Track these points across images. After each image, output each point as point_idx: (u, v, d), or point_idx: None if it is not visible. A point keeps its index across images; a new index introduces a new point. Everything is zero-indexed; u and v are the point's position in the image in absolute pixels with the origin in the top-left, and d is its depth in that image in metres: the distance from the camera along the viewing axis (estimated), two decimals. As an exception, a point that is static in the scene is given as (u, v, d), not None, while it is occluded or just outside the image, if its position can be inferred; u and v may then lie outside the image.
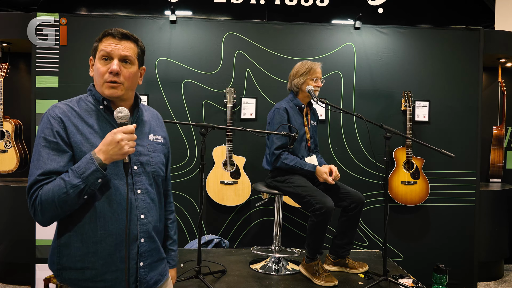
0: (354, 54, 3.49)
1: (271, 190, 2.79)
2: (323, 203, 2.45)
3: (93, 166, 1.22)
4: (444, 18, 3.98)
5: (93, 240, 1.30)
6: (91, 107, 1.37)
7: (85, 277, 1.31)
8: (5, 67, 3.55)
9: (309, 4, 3.79)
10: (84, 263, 1.30)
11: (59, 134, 1.28)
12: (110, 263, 1.31)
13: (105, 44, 1.34)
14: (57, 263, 1.34)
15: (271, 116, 2.78)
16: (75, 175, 1.22)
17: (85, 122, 1.33)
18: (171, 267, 1.60)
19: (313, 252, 2.60)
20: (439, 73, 3.53)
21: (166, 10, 3.72)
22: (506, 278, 3.91)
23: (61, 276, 1.34)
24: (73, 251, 1.31)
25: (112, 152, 1.22)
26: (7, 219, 3.42)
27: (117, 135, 1.22)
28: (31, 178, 1.25)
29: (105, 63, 1.34)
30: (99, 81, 1.36)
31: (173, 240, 1.60)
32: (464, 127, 3.53)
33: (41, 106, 3.30)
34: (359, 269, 2.79)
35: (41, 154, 1.27)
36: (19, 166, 3.57)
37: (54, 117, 1.30)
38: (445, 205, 3.54)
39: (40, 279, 3.32)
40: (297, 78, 2.75)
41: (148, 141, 1.43)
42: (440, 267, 3.02)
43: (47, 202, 1.22)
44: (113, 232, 1.30)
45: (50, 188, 1.22)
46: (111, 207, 1.30)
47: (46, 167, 1.25)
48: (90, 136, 1.31)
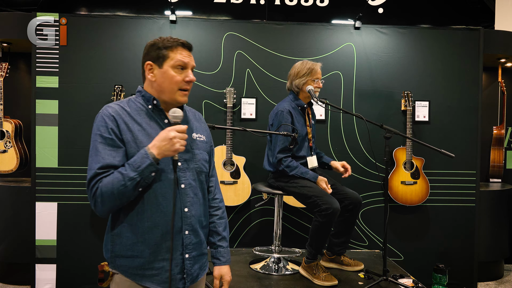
0: (354, 54, 3.49)
1: (272, 190, 2.79)
2: (330, 204, 2.46)
3: (147, 160, 1.33)
4: (444, 18, 3.98)
5: (141, 231, 1.40)
6: (140, 107, 1.47)
7: (135, 265, 1.41)
8: (5, 67, 3.55)
9: (309, 4, 3.79)
10: (134, 251, 1.41)
11: (113, 131, 1.39)
12: (157, 252, 1.41)
13: (180, 55, 1.46)
14: (111, 250, 1.44)
15: (273, 118, 2.75)
16: (132, 168, 1.33)
17: (135, 120, 1.43)
18: (222, 263, 1.64)
19: (314, 253, 2.60)
20: (439, 73, 3.53)
21: (166, 10, 3.72)
22: (506, 278, 3.91)
23: (114, 263, 1.45)
24: (124, 240, 1.42)
25: (165, 148, 1.33)
26: (7, 219, 3.42)
27: (171, 133, 1.33)
28: (91, 172, 1.36)
29: (181, 72, 1.45)
30: (172, 88, 1.45)
31: (222, 237, 1.64)
32: (464, 127, 3.53)
33: (41, 106, 3.30)
34: (354, 267, 2.82)
35: (98, 150, 1.37)
36: (19, 166, 3.58)
37: (108, 116, 1.40)
38: (445, 205, 3.54)
39: (40, 279, 3.32)
40: (298, 79, 2.73)
41: (191, 139, 1.52)
42: (440, 267, 3.02)
43: (107, 194, 1.33)
44: (159, 224, 1.40)
45: (110, 181, 1.33)
46: (157, 200, 1.40)
47: (104, 161, 1.36)
48: (138, 133, 1.41)
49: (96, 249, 3.36)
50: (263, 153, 3.40)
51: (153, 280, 1.42)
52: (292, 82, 2.78)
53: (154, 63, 1.46)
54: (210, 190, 1.64)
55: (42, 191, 3.31)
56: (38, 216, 3.30)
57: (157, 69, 1.46)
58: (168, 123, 1.45)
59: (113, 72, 3.33)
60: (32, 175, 3.30)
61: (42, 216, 3.30)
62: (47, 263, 3.32)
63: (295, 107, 2.75)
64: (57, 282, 3.34)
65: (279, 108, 2.73)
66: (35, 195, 3.30)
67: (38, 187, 3.30)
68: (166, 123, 1.45)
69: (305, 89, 2.71)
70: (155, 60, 1.46)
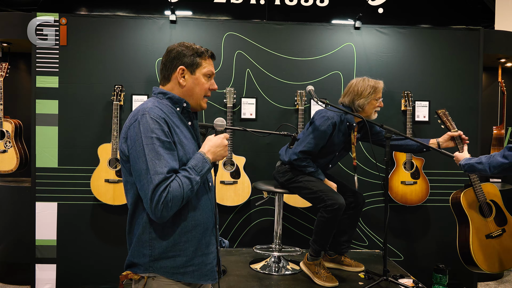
0: (354, 54, 3.49)
1: (272, 189, 2.78)
2: (336, 199, 2.46)
3: (207, 165, 1.43)
4: (444, 18, 3.98)
5: (185, 230, 1.45)
6: (171, 109, 1.50)
7: (176, 264, 1.44)
8: (5, 67, 3.55)
9: (309, 4, 3.79)
10: (176, 251, 1.44)
11: (169, 133, 1.40)
12: (198, 249, 1.47)
13: (210, 65, 1.55)
14: (149, 255, 1.43)
15: (316, 119, 2.59)
16: (195, 172, 1.39)
17: (175, 124, 1.47)
18: None
19: (318, 250, 2.59)
20: (439, 73, 3.53)
21: (166, 10, 3.71)
22: (506, 278, 3.91)
23: (152, 267, 1.44)
24: (164, 243, 1.43)
25: (219, 154, 1.47)
26: (7, 219, 3.42)
27: (225, 141, 1.49)
28: (160, 177, 1.32)
29: (208, 80, 1.56)
30: (200, 94, 1.55)
31: None
32: (464, 127, 3.51)
33: (41, 106, 3.30)
34: (354, 268, 2.82)
35: (160, 153, 1.35)
36: (19, 166, 3.57)
37: (160, 119, 1.39)
38: (445, 205, 3.53)
39: (40, 279, 3.32)
40: (363, 99, 2.57)
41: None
42: (440, 267, 3.02)
43: (177, 198, 1.34)
44: (200, 222, 1.47)
45: (179, 185, 1.34)
46: (198, 200, 1.47)
47: (169, 165, 1.35)
48: (180, 136, 1.46)
49: (96, 249, 3.36)
50: (263, 153, 3.40)
51: (193, 276, 1.47)
52: (354, 101, 2.59)
53: (187, 68, 1.52)
54: None
55: (42, 191, 3.31)
56: (38, 216, 3.30)
57: (189, 75, 1.52)
58: (192, 126, 1.54)
59: (113, 72, 3.33)
60: (32, 175, 3.30)
61: (42, 216, 3.30)
62: (47, 263, 3.32)
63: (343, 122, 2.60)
64: (57, 282, 3.34)
65: (329, 114, 2.55)
66: (35, 195, 3.30)
67: (38, 187, 3.30)
68: (190, 125, 1.53)
69: (367, 110, 2.60)
70: (189, 66, 1.52)
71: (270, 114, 3.45)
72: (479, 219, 2.74)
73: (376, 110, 2.63)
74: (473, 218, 2.73)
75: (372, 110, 2.62)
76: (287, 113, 3.46)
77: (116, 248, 3.36)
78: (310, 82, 3.41)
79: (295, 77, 3.46)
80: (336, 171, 2.87)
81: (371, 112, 2.63)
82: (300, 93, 3.36)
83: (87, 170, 3.28)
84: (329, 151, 2.65)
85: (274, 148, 3.37)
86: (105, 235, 3.37)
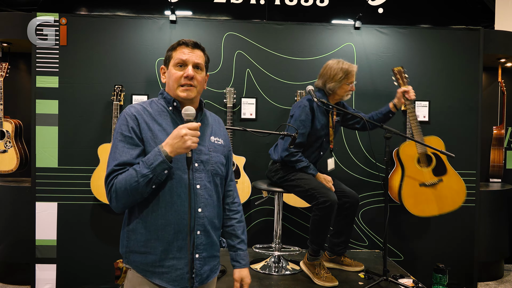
0: (354, 54, 3.49)
1: (272, 188, 2.78)
2: (327, 196, 2.45)
3: (160, 158, 1.36)
4: (444, 18, 3.98)
5: (155, 228, 1.44)
6: (161, 108, 1.53)
7: (147, 261, 1.45)
8: (5, 67, 3.55)
9: (309, 4, 3.79)
10: (147, 248, 1.45)
11: (133, 129, 1.44)
12: (169, 250, 1.44)
13: (180, 53, 1.51)
14: (126, 246, 1.49)
15: (295, 110, 2.64)
16: (145, 165, 1.36)
17: (155, 120, 1.48)
18: (242, 266, 1.67)
19: (316, 249, 2.59)
20: (439, 73, 3.53)
21: (166, 10, 3.71)
22: (506, 278, 3.91)
23: (128, 259, 1.49)
24: (138, 236, 1.45)
25: (177, 146, 1.36)
26: (7, 219, 3.42)
27: (182, 130, 1.36)
28: (108, 168, 1.41)
29: (181, 69, 1.51)
30: (173, 85, 1.51)
31: (241, 239, 1.68)
32: (464, 127, 3.53)
33: (41, 106, 3.30)
34: (354, 267, 2.82)
35: (117, 147, 1.43)
36: (19, 166, 3.58)
37: (130, 115, 1.46)
38: (445, 205, 3.53)
39: (40, 279, 3.32)
40: (334, 83, 2.62)
41: (209, 142, 1.57)
42: (440, 267, 3.02)
43: (121, 190, 1.37)
44: (172, 222, 1.44)
45: (124, 177, 1.37)
46: (172, 199, 1.44)
47: (121, 158, 1.41)
48: (158, 133, 1.46)
49: (96, 249, 3.36)
50: (263, 153, 3.40)
51: (162, 278, 1.44)
52: (326, 84, 2.65)
53: (165, 66, 1.57)
54: (229, 194, 1.69)
55: (42, 191, 3.31)
56: (38, 216, 3.30)
57: (166, 71, 1.56)
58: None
59: (113, 72, 3.33)
60: (32, 175, 3.30)
61: (42, 216, 3.31)
62: (47, 263, 3.32)
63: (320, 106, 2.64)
64: (57, 282, 3.34)
65: (304, 102, 2.61)
66: (35, 195, 3.30)
67: (38, 187, 3.30)
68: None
69: (339, 93, 2.65)
70: (165, 63, 1.57)
71: (270, 114, 3.45)
72: (415, 169, 2.99)
73: (348, 93, 2.67)
74: (409, 167, 2.99)
75: (343, 93, 2.67)
76: (287, 113, 3.45)
77: (116, 248, 3.34)
78: (310, 82, 3.40)
79: (295, 77, 3.46)
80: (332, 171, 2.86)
81: (342, 95, 2.68)
82: (300, 93, 3.36)
83: (87, 170, 3.29)
84: (316, 137, 2.67)
85: (274, 148, 3.37)
86: (105, 235, 3.37)
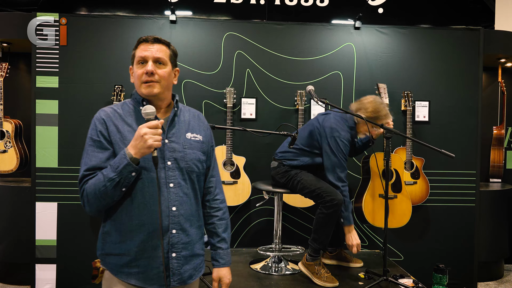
0: (354, 54, 3.49)
1: (271, 189, 2.78)
2: (334, 195, 2.49)
3: (125, 161, 1.34)
4: (444, 18, 3.98)
5: (129, 229, 1.43)
6: (132, 108, 1.51)
7: (122, 262, 1.44)
8: (5, 67, 3.55)
9: (309, 4, 3.79)
10: (121, 249, 1.44)
11: (101, 133, 1.43)
12: (143, 250, 1.43)
13: (140, 50, 1.49)
14: (101, 248, 1.49)
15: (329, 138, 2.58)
16: (111, 169, 1.35)
17: (125, 122, 1.47)
18: (220, 265, 1.64)
19: (318, 249, 2.59)
20: (439, 73, 3.53)
21: (166, 10, 3.72)
22: (506, 278, 3.91)
23: (104, 261, 1.50)
24: (113, 238, 1.45)
25: (140, 146, 1.34)
26: (7, 219, 3.42)
27: (142, 130, 1.33)
28: (80, 174, 1.42)
29: (142, 66, 1.47)
30: (137, 83, 1.49)
31: (221, 238, 1.64)
32: (464, 127, 3.53)
33: (41, 106, 3.30)
34: (354, 263, 2.86)
35: (87, 152, 1.44)
36: (19, 166, 3.58)
37: (98, 119, 1.46)
38: (445, 205, 3.54)
39: (40, 279, 3.32)
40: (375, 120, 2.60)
41: (185, 139, 1.52)
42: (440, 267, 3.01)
43: (91, 195, 1.37)
44: (146, 222, 1.42)
45: (93, 182, 1.38)
46: (144, 199, 1.42)
47: (90, 163, 1.41)
48: (127, 134, 1.44)
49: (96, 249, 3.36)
50: (263, 153, 3.40)
51: (138, 278, 1.43)
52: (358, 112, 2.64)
53: (131, 65, 1.54)
54: (209, 191, 1.63)
55: (42, 191, 3.31)
56: (38, 216, 3.30)
57: (132, 70, 1.53)
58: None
59: (113, 72, 3.33)
60: (32, 175, 3.30)
61: (42, 216, 3.30)
62: (47, 263, 3.32)
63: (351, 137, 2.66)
64: (57, 282, 3.34)
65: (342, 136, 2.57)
66: (35, 195, 3.30)
67: (38, 187, 3.30)
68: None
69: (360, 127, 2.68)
70: (131, 63, 1.54)
71: (270, 114, 3.45)
72: (378, 181, 3.07)
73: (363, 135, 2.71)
74: (374, 178, 3.07)
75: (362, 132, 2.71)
76: (287, 113, 3.46)
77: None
78: (310, 82, 3.41)
79: (295, 77, 3.46)
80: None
81: (359, 131, 2.72)
82: (300, 93, 3.36)
83: (87, 170, 3.28)
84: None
85: (274, 148, 3.35)
86: (105, 235, 3.37)
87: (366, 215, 3.02)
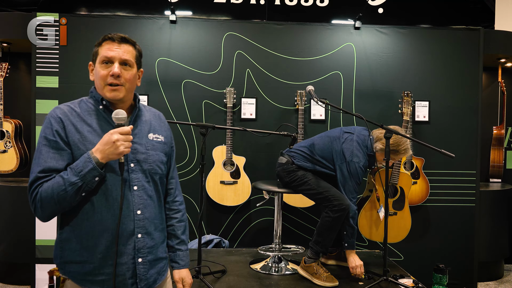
0: (354, 54, 3.49)
1: (271, 189, 2.78)
2: (342, 199, 2.50)
3: (90, 165, 1.27)
4: (444, 18, 3.98)
5: (92, 235, 1.35)
6: (91, 107, 1.42)
7: (85, 271, 1.36)
8: (5, 67, 3.55)
9: (309, 4, 3.79)
10: (83, 257, 1.35)
11: (58, 133, 1.34)
12: (108, 257, 1.36)
13: (105, 49, 1.39)
14: (60, 257, 1.39)
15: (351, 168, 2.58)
16: (73, 173, 1.27)
17: (84, 121, 1.38)
18: (181, 267, 1.61)
19: (318, 252, 2.59)
20: (439, 73, 3.53)
21: (166, 10, 3.72)
22: (506, 278, 3.91)
23: (63, 269, 1.39)
24: (73, 246, 1.36)
25: (108, 152, 1.28)
26: (7, 219, 3.42)
27: (114, 136, 1.28)
28: (32, 176, 1.31)
29: (106, 67, 1.39)
30: (100, 84, 1.40)
31: (180, 240, 1.61)
32: (464, 127, 3.53)
33: (41, 106, 3.30)
34: None
35: (41, 153, 1.33)
36: (19, 166, 3.57)
37: (54, 118, 1.36)
38: (445, 205, 3.54)
39: (40, 279, 3.32)
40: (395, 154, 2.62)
41: (147, 140, 1.47)
42: (440, 267, 3.02)
43: (47, 199, 1.28)
44: (109, 227, 1.35)
45: (50, 186, 1.28)
46: (108, 203, 1.35)
47: (46, 164, 1.31)
48: (88, 134, 1.36)
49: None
50: (263, 153, 3.40)
51: (103, 285, 1.36)
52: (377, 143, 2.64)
53: (92, 62, 1.45)
54: (169, 193, 1.59)
55: (42, 191, 3.30)
56: (38, 216, 3.30)
57: (94, 68, 1.44)
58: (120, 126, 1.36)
59: (113, 72, 3.32)
60: (32, 175, 3.30)
61: (42, 216, 3.30)
62: (47, 263, 3.32)
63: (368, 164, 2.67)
64: (57, 282, 3.34)
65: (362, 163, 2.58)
66: (35, 195, 3.30)
67: (38, 187, 3.30)
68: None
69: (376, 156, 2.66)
70: (93, 60, 1.45)
71: (270, 114, 3.45)
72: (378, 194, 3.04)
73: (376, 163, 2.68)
74: (378, 191, 3.02)
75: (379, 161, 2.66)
76: (287, 113, 3.46)
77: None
78: (310, 82, 3.41)
79: (295, 77, 3.46)
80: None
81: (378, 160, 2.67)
82: (300, 93, 3.36)
83: (87, 170, 3.28)
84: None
85: (274, 148, 3.37)
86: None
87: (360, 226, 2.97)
